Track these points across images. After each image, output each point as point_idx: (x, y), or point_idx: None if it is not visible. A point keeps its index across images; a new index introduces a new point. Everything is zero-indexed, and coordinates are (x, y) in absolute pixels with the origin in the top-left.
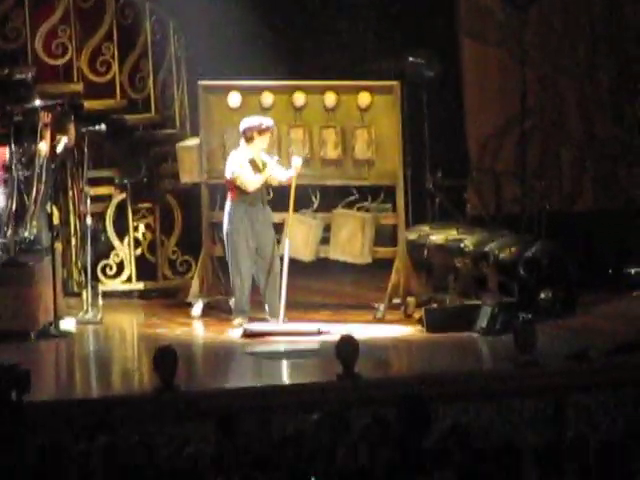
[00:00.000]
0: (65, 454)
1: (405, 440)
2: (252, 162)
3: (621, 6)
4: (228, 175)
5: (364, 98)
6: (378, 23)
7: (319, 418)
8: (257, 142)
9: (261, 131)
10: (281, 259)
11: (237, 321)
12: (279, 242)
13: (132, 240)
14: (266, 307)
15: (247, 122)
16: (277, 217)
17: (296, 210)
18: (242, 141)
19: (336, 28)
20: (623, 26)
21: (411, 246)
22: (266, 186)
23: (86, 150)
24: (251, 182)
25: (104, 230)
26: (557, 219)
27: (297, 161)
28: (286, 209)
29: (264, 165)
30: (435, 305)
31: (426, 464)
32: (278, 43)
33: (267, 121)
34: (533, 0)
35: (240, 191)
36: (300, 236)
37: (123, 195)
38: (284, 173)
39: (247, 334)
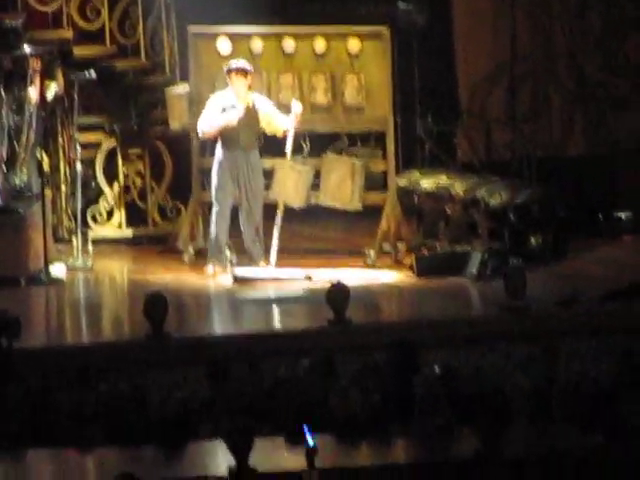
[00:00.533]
0: (53, 400)
1: (395, 385)
2: (230, 108)
3: None
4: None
5: (354, 44)
6: None
7: (310, 363)
8: (234, 83)
9: (234, 72)
10: (275, 205)
11: (209, 268)
12: (267, 188)
13: (122, 186)
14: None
15: (227, 64)
16: (268, 163)
17: (286, 156)
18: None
19: None
20: None
21: (401, 192)
22: (268, 134)
23: (76, 97)
24: (201, 123)
25: (94, 176)
26: (547, 164)
27: (297, 106)
28: (277, 154)
29: (250, 112)
30: (425, 251)
31: (416, 409)
32: None
33: (236, 63)
34: None
35: (221, 135)
36: (290, 182)
37: (113, 141)
38: (285, 119)
39: (237, 280)
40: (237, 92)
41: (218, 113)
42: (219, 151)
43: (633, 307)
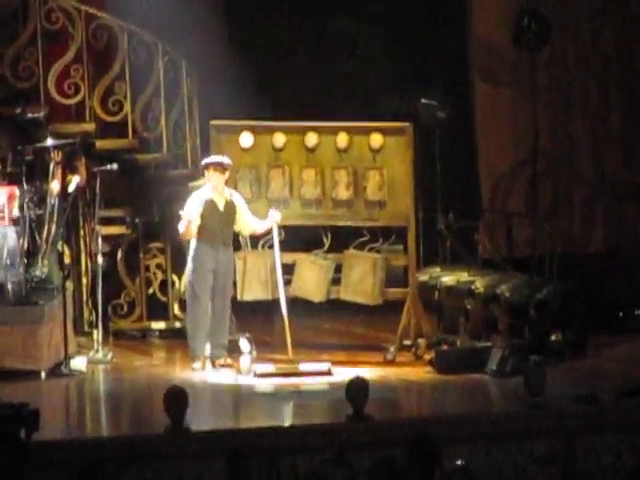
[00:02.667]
0: None
1: None
2: (210, 202)
3: (632, 47)
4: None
5: (376, 139)
6: (390, 64)
7: (328, 459)
8: (211, 178)
9: (212, 167)
10: (296, 300)
11: (197, 365)
12: (289, 283)
13: (143, 279)
14: (208, 348)
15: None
16: (288, 257)
17: (307, 251)
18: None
19: (349, 69)
20: (634, 67)
21: (422, 287)
22: (239, 234)
23: (98, 189)
24: (181, 224)
25: (115, 269)
26: (568, 261)
27: (275, 215)
28: (298, 249)
29: (229, 206)
30: (446, 346)
31: None
32: (291, 84)
33: (212, 158)
34: (545, 41)
35: (200, 231)
36: (311, 277)
37: (134, 234)
38: (261, 224)
39: (258, 375)
40: (214, 187)
41: (196, 212)
42: (198, 246)
43: None
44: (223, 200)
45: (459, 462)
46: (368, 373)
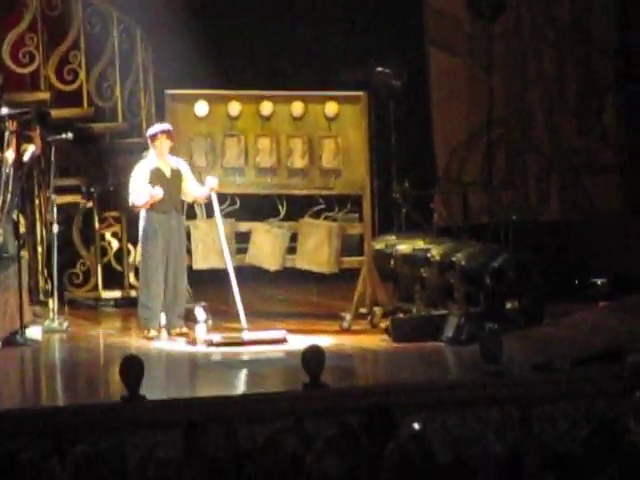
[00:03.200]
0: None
1: (369, 449)
2: (156, 171)
3: (587, 18)
4: (130, 201)
5: (331, 107)
6: (345, 33)
7: (284, 427)
8: (159, 146)
9: (162, 133)
10: (251, 268)
11: (152, 333)
12: (244, 251)
13: (99, 249)
14: (163, 318)
15: (150, 128)
16: (244, 226)
17: (262, 219)
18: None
19: (304, 37)
20: (590, 35)
21: (378, 256)
22: (181, 200)
23: (53, 158)
24: (136, 195)
25: (70, 238)
26: (524, 229)
27: (212, 181)
28: (253, 218)
29: (175, 173)
30: (401, 315)
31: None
32: (244, 52)
33: (156, 128)
34: (500, 11)
35: (140, 209)
36: (266, 245)
37: (90, 203)
38: (200, 190)
39: (212, 343)
40: (163, 155)
41: (145, 182)
42: (149, 214)
43: (606, 371)
44: (168, 167)
45: (415, 425)
46: (324, 341)
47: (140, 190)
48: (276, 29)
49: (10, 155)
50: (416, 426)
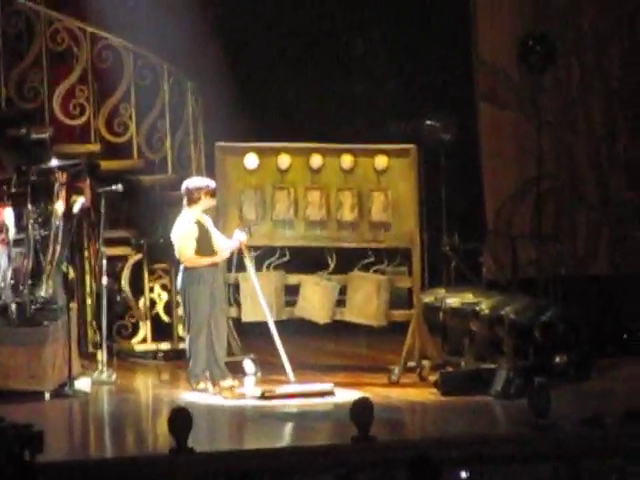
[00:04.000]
0: None
1: None
2: (199, 224)
3: (637, 70)
4: (182, 257)
5: (381, 161)
6: (395, 86)
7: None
8: (202, 204)
9: (207, 192)
10: (301, 321)
11: (201, 386)
12: (294, 304)
13: (148, 300)
14: (207, 372)
15: (192, 182)
16: (292, 279)
17: (312, 272)
18: (185, 204)
19: (353, 91)
20: (638, 88)
21: (427, 309)
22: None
23: (102, 210)
24: (190, 261)
25: (120, 290)
26: (573, 283)
27: (241, 235)
28: (303, 270)
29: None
30: (450, 368)
31: None
32: (295, 106)
33: (212, 183)
34: (549, 63)
35: (198, 254)
36: (316, 298)
37: (139, 255)
38: (227, 244)
39: (264, 396)
40: (203, 211)
41: (194, 237)
42: (195, 270)
43: None
44: (205, 222)
45: (464, 475)
46: (372, 394)
47: (191, 252)
48: (328, 81)
49: (60, 207)
50: (464, 475)
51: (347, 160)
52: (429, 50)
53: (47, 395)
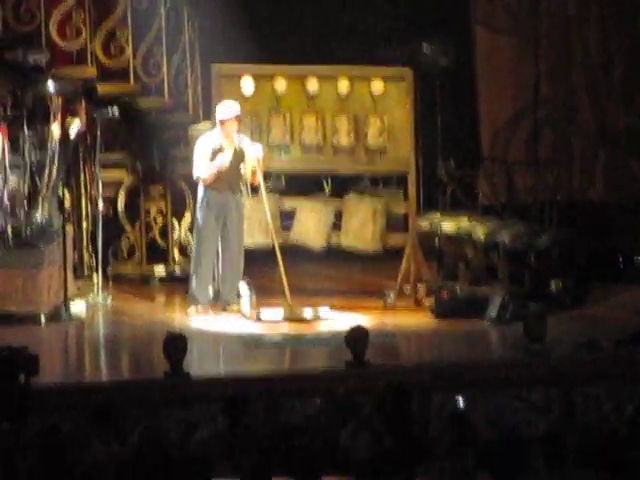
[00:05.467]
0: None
1: (409, 428)
2: (219, 151)
3: None
4: (194, 175)
5: (377, 85)
6: (391, 10)
7: (323, 405)
8: (222, 131)
9: (221, 122)
10: (297, 246)
11: (191, 309)
12: (289, 229)
13: (143, 224)
14: (210, 293)
15: (217, 109)
16: (288, 203)
17: (308, 196)
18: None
19: (350, 15)
20: (634, 14)
21: (422, 234)
22: (240, 176)
23: (98, 134)
24: (199, 170)
25: (115, 214)
26: (568, 209)
27: (256, 149)
28: (299, 195)
29: (238, 154)
30: (445, 293)
31: (428, 453)
32: (290, 29)
33: (229, 112)
34: None
35: (209, 182)
36: (311, 223)
37: (135, 179)
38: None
39: (260, 320)
40: (229, 137)
41: (207, 158)
42: (206, 192)
43: None
44: (232, 148)
45: (460, 402)
46: (367, 319)
47: (204, 164)
48: (323, 7)
49: (56, 130)
50: (461, 403)
51: (343, 85)
52: None
53: (43, 318)
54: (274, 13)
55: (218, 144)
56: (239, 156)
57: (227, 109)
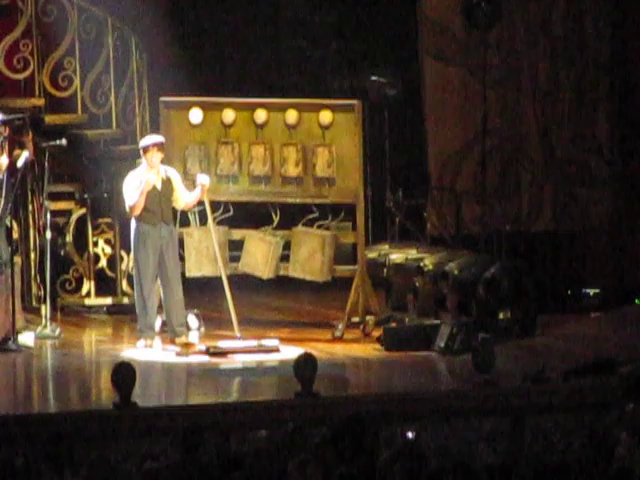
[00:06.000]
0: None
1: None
2: (146, 178)
3: (581, 28)
4: (127, 206)
5: (325, 116)
6: (339, 41)
7: (271, 436)
8: (149, 160)
9: (143, 150)
10: (244, 277)
11: (140, 343)
12: (238, 259)
13: (92, 255)
14: (157, 326)
15: (142, 141)
16: (237, 234)
17: (256, 227)
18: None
19: (297, 46)
20: (583, 46)
21: (371, 265)
22: (171, 207)
23: (46, 164)
24: (131, 201)
25: (64, 244)
26: (516, 239)
27: (203, 179)
28: (247, 225)
29: (166, 184)
30: (394, 324)
31: None
32: (240, 62)
33: (148, 140)
34: (494, 20)
35: (143, 209)
36: (260, 253)
37: (83, 210)
38: (191, 194)
39: (210, 352)
40: (154, 166)
41: (137, 190)
42: (139, 227)
43: (598, 383)
44: (159, 178)
45: (410, 435)
46: (316, 350)
47: (133, 195)
48: (272, 38)
49: (4, 161)
50: (410, 435)
51: (292, 115)
52: (375, 6)
53: None
54: (221, 46)
55: (145, 177)
56: (167, 186)
57: (148, 138)
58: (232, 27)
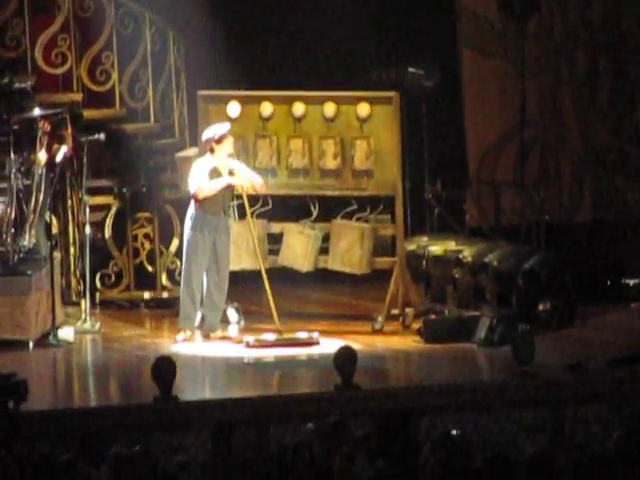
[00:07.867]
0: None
1: (400, 451)
2: (214, 171)
3: (620, 16)
4: (192, 189)
5: (363, 108)
6: (377, 33)
7: (315, 429)
8: (218, 151)
9: (217, 140)
10: (283, 270)
11: (180, 336)
12: (277, 253)
13: (131, 249)
14: (203, 319)
15: (204, 134)
16: (276, 227)
17: (295, 220)
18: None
19: (335, 38)
20: (622, 36)
21: (410, 257)
22: (231, 198)
23: (85, 159)
24: (200, 187)
25: (103, 239)
26: (556, 230)
27: (258, 176)
28: (286, 219)
29: (232, 173)
30: (433, 316)
31: (423, 475)
32: (278, 54)
33: (221, 128)
34: (532, 11)
35: (201, 199)
36: (299, 246)
37: (122, 204)
38: (250, 174)
39: (248, 345)
40: (224, 157)
41: (206, 178)
42: (198, 213)
43: (638, 373)
44: (226, 169)
45: (454, 432)
46: (356, 343)
47: (205, 180)
48: (310, 30)
49: (42, 156)
50: (454, 432)
51: (330, 108)
52: None
53: (31, 344)
54: (260, 38)
55: (213, 166)
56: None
57: (218, 126)
58: (270, 19)
